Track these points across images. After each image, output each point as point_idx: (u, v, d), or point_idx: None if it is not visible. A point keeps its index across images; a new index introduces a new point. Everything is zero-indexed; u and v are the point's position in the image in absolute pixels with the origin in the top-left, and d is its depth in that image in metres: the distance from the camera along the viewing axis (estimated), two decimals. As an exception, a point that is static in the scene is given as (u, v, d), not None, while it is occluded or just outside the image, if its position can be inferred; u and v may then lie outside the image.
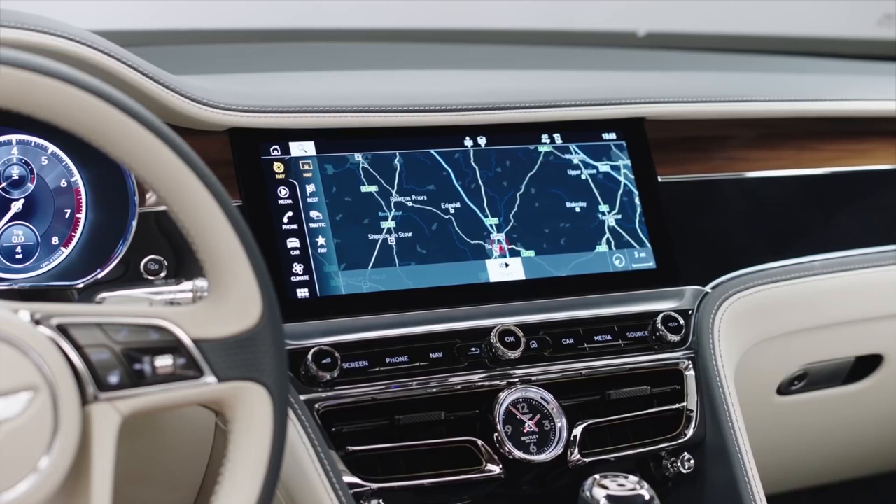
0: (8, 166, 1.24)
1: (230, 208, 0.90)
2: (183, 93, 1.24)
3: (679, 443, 1.34)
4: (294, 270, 1.26)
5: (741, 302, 1.44)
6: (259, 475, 0.88)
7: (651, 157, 1.46)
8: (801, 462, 1.79)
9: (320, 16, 1.93)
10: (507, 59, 1.96)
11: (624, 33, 2.11)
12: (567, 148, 1.43)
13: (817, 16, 2.26)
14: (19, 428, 0.81)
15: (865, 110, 1.66)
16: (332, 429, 1.20)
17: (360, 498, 1.18)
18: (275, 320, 0.91)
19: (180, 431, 1.25)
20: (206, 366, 0.88)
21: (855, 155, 1.66)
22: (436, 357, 1.27)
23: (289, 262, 1.26)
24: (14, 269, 1.22)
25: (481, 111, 1.38)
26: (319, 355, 1.20)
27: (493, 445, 1.24)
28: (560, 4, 2.09)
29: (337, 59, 1.86)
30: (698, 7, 2.18)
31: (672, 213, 1.46)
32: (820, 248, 1.56)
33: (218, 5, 1.87)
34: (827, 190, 1.61)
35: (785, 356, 1.57)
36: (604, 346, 1.35)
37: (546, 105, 1.42)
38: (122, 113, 0.86)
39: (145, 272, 1.21)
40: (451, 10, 2.02)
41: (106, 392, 0.85)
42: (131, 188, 1.23)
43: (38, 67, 0.84)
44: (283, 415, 0.91)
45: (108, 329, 0.86)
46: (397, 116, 1.34)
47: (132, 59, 1.20)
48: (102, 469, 0.84)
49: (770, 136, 1.59)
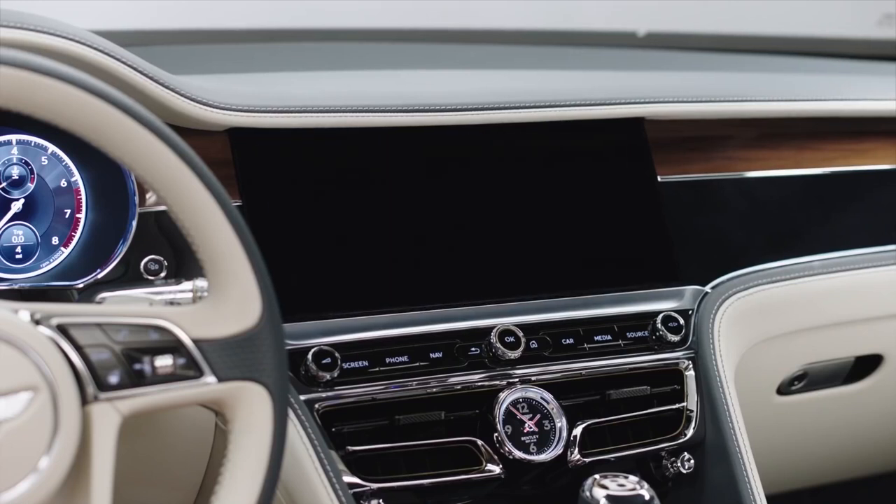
0: (8, 166, 1.24)
1: (230, 208, 0.90)
2: (183, 93, 1.24)
3: (679, 443, 1.34)
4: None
5: (741, 302, 1.44)
6: (259, 475, 0.88)
7: (651, 157, 1.46)
8: (801, 462, 1.79)
9: (320, 16, 1.93)
10: (507, 59, 1.96)
11: (624, 33, 2.11)
12: (567, 148, 1.43)
13: (817, 16, 2.25)
14: (19, 428, 0.81)
15: (865, 110, 1.66)
16: (332, 429, 1.20)
17: (360, 498, 1.18)
18: (275, 320, 0.91)
19: (180, 431, 1.25)
20: (206, 366, 0.88)
21: (855, 155, 1.66)
22: (436, 357, 1.27)
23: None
24: (14, 269, 1.22)
25: (481, 111, 1.38)
26: (319, 355, 1.20)
27: (493, 445, 1.24)
28: (560, 4, 2.09)
29: (337, 59, 1.86)
30: (698, 7, 2.17)
31: (672, 213, 1.46)
32: (820, 248, 1.56)
33: (218, 5, 1.87)
34: (827, 190, 1.61)
35: (785, 356, 1.57)
36: (604, 346, 1.35)
37: (546, 105, 1.41)
38: (122, 113, 0.86)
39: (145, 272, 1.21)
40: (451, 10, 2.02)
41: (106, 392, 0.85)
42: (131, 188, 1.23)
43: (39, 67, 0.84)
44: (283, 415, 0.91)
45: (108, 329, 0.86)
46: (397, 116, 1.34)
47: (132, 59, 1.20)
48: (102, 469, 0.84)
49: (770, 136, 1.59)
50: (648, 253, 1.43)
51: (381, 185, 1.33)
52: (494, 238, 1.36)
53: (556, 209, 1.40)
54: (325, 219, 1.30)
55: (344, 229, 1.30)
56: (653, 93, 1.49)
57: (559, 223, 1.39)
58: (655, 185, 1.46)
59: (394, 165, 1.34)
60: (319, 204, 1.30)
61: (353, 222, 1.31)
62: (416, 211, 1.34)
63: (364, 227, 1.31)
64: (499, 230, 1.36)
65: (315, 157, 1.31)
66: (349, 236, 1.30)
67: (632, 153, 1.46)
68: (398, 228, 1.32)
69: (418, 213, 1.34)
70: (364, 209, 1.31)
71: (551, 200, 1.40)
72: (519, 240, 1.37)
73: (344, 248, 1.30)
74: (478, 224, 1.36)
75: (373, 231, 1.31)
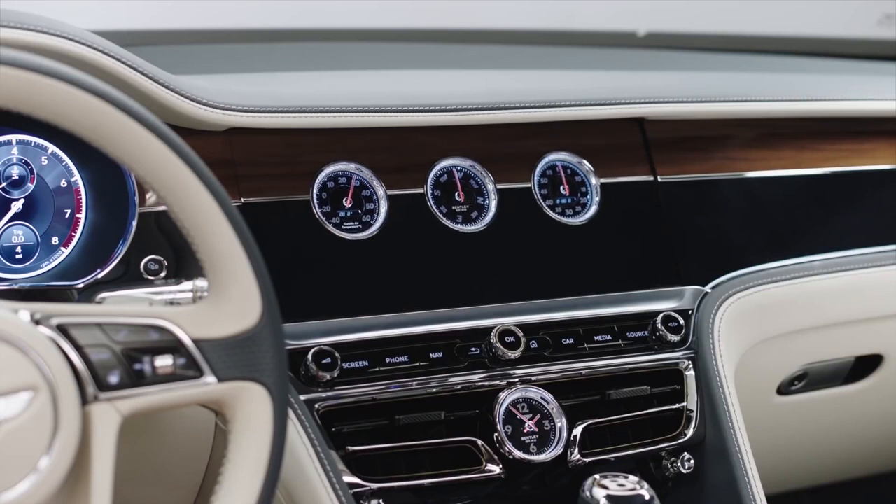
0: (8, 166, 1.24)
1: (230, 208, 0.90)
2: (183, 93, 1.24)
3: (679, 443, 1.34)
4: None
5: (741, 302, 1.44)
6: (259, 475, 0.88)
7: (651, 157, 1.46)
8: (801, 462, 1.79)
9: (320, 16, 1.93)
10: (507, 59, 1.96)
11: (624, 33, 2.11)
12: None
13: (817, 16, 2.26)
14: (19, 428, 0.81)
15: (865, 110, 1.66)
16: (332, 429, 1.20)
17: (360, 498, 1.18)
18: (275, 320, 0.91)
19: (180, 431, 1.25)
20: (206, 366, 0.88)
21: (855, 155, 1.66)
22: (436, 357, 1.27)
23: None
24: (14, 269, 1.22)
25: (481, 111, 1.38)
26: (319, 355, 1.20)
27: (493, 445, 1.24)
28: (560, 4, 2.09)
29: (337, 59, 1.86)
30: (698, 7, 2.18)
31: (672, 213, 1.46)
32: (820, 248, 1.56)
33: (218, 5, 1.87)
34: (827, 190, 1.61)
35: (785, 356, 1.56)
36: (604, 346, 1.35)
37: (546, 105, 1.42)
38: (122, 113, 0.86)
39: (145, 272, 1.21)
40: (451, 10, 2.02)
41: (106, 392, 0.85)
42: (131, 188, 1.23)
43: (39, 67, 0.84)
44: (283, 415, 0.91)
45: (108, 329, 0.86)
46: (397, 116, 1.34)
47: (132, 59, 1.20)
48: (102, 469, 0.84)
49: (770, 136, 1.59)
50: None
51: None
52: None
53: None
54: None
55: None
56: (653, 93, 1.49)
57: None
58: (655, 185, 1.46)
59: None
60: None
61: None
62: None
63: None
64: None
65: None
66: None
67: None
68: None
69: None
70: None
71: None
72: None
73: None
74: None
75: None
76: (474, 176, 1.38)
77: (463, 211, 1.36)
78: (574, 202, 1.42)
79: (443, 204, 1.35)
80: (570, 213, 1.41)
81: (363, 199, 1.32)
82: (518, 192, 1.39)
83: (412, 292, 1.30)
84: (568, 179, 1.42)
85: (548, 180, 1.41)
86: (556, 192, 1.41)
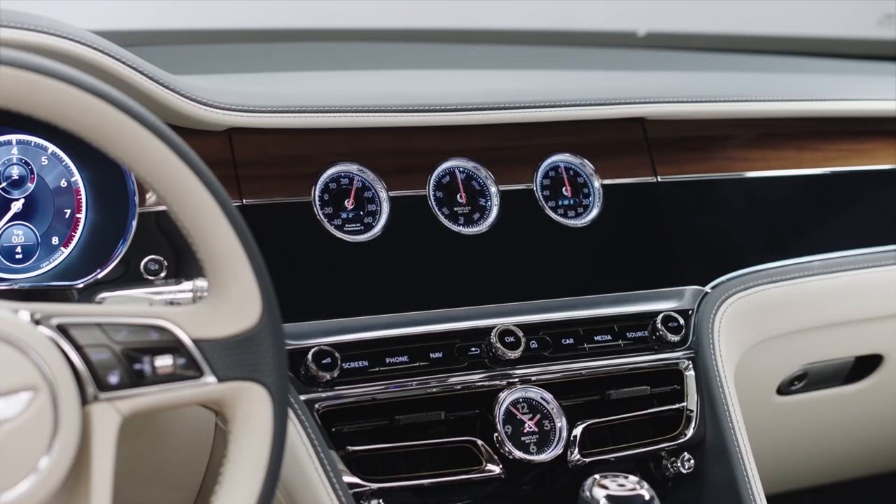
0: (8, 166, 1.24)
1: (230, 208, 0.90)
2: (183, 93, 1.24)
3: (679, 443, 1.34)
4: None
5: (741, 302, 1.44)
6: (259, 475, 0.88)
7: (651, 157, 1.46)
8: (801, 462, 1.79)
9: (320, 16, 1.93)
10: (507, 59, 1.96)
11: (624, 33, 2.11)
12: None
13: (817, 16, 2.26)
14: (19, 428, 0.81)
15: (865, 110, 1.66)
16: (332, 429, 1.20)
17: (360, 498, 1.18)
18: (275, 320, 0.91)
19: (180, 431, 1.25)
20: (206, 366, 0.88)
21: (855, 155, 1.66)
22: (436, 357, 1.27)
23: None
24: (14, 269, 1.22)
25: (481, 111, 1.38)
26: (319, 355, 1.20)
27: (493, 445, 1.24)
28: (560, 4, 2.10)
29: (337, 59, 1.86)
30: (698, 7, 2.18)
31: (672, 213, 1.46)
32: (820, 248, 1.56)
33: (218, 5, 1.87)
34: (827, 190, 1.61)
35: (785, 356, 1.56)
36: (604, 346, 1.35)
37: (546, 105, 1.42)
38: (122, 113, 0.86)
39: (145, 272, 1.21)
40: (451, 10, 2.02)
41: (106, 392, 0.85)
42: (131, 188, 1.23)
43: (39, 67, 0.84)
44: (283, 415, 0.91)
45: (108, 329, 0.86)
46: (398, 116, 1.34)
47: (132, 59, 1.20)
48: (102, 469, 0.84)
49: (770, 136, 1.59)
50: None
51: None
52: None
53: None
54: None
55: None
56: (653, 93, 1.49)
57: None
58: (655, 185, 1.46)
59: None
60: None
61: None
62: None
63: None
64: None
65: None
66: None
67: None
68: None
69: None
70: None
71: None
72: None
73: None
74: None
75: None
76: (477, 177, 1.38)
77: (465, 213, 1.36)
78: (576, 204, 1.42)
79: (445, 206, 1.35)
80: (572, 214, 1.41)
81: (365, 200, 1.33)
82: (520, 193, 1.39)
83: (412, 293, 1.30)
84: (570, 181, 1.42)
85: (550, 182, 1.41)
86: (558, 194, 1.41)
